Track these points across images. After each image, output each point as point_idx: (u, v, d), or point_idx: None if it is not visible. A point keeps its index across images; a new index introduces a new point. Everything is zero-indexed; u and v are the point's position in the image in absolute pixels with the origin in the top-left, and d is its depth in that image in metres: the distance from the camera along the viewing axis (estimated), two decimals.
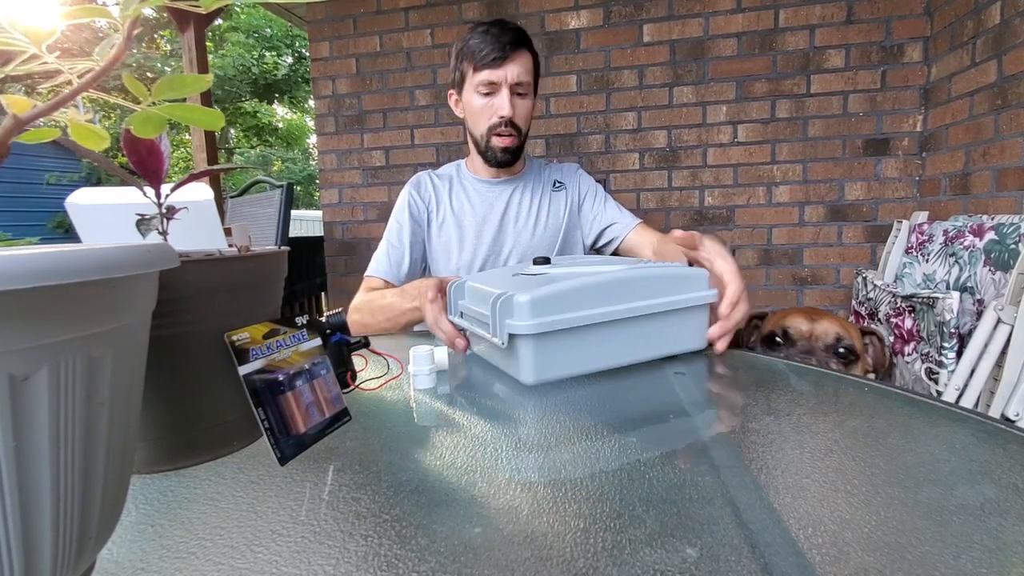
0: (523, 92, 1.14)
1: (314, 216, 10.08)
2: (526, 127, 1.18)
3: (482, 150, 1.19)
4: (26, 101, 0.26)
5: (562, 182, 1.30)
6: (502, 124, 1.14)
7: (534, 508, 0.38)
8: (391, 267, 1.21)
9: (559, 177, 1.31)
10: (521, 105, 1.15)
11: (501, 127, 1.14)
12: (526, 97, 1.16)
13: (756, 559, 0.31)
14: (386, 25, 2.40)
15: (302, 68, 12.43)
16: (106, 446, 0.26)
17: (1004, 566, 0.31)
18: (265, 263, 0.49)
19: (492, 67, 1.10)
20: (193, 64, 2.52)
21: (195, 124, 0.33)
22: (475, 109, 1.15)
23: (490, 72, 1.10)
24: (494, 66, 1.10)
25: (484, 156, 1.20)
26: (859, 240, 2.11)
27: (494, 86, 1.12)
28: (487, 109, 1.14)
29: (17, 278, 0.20)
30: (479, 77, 1.11)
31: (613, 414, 0.56)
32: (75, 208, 0.54)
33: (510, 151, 1.17)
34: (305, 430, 0.47)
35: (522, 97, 1.15)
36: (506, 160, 1.19)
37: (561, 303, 0.60)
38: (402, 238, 1.23)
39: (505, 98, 1.11)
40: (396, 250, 1.23)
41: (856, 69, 2.03)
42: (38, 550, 0.23)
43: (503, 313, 0.60)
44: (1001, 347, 1.31)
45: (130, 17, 0.26)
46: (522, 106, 1.15)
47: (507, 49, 1.09)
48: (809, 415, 0.55)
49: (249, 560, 0.33)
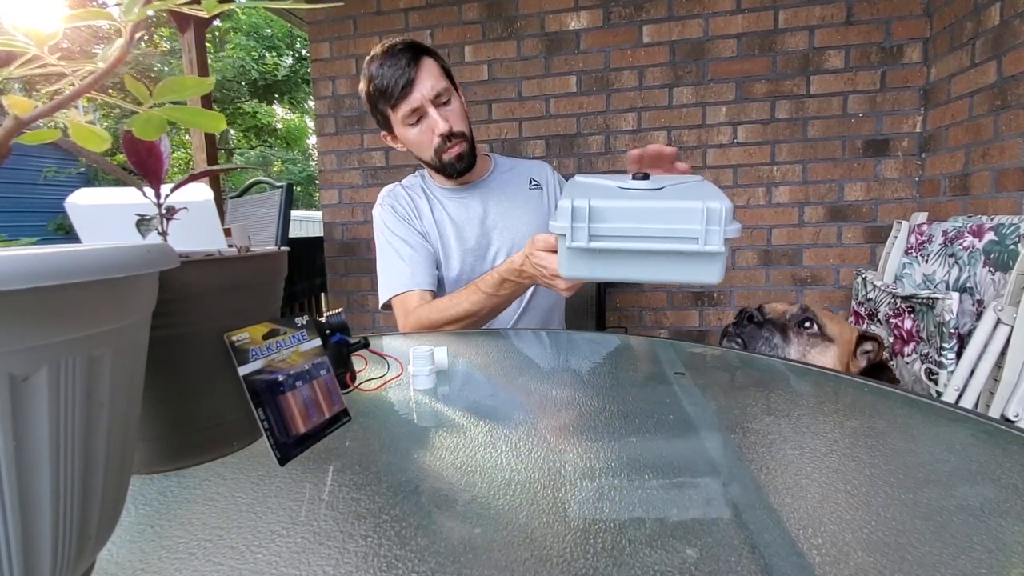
0: (446, 99, 1.12)
1: (314, 216, 10.09)
2: (467, 127, 1.17)
3: (439, 169, 1.18)
4: (28, 102, 0.26)
5: (537, 181, 1.30)
6: (445, 140, 1.12)
7: (534, 508, 0.38)
8: (425, 274, 1.18)
9: (534, 175, 1.31)
10: (452, 110, 1.13)
11: (446, 142, 1.12)
12: (452, 102, 1.13)
13: (756, 559, 0.32)
14: (386, 26, 2.40)
15: (302, 68, 12.44)
16: (106, 446, 0.26)
17: (1004, 566, 0.31)
18: (265, 263, 0.49)
19: (405, 96, 1.08)
20: (193, 65, 2.52)
21: (196, 126, 0.33)
22: (414, 140, 1.14)
23: (407, 102, 1.08)
24: (406, 94, 1.08)
25: (444, 173, 1.19)
26: (859, 241, 2.11)
27: (418, 111, 1.10)
28: (424, 134, 1.12)
29: (17, 278, 0.20)
30: (400, 112, 1.10)
31: (613, 414, 0.56)
32: (75, 208, 0.54)
33: (464, 157, 1.16)
34: (305, 430, 0.47)
35: (447, 104, 1.12)
36: (465, 167, 1.17)
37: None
38: (414, 244, 1.20)
39: (434, 115, 1.10)
40: (419, 254, 1.19)
41: (856, 70, 2.03)
42: (38, 550, 0.23)
43: (715, 222, 0.63)
44: (1001, 347, 1.31)
45: (132, 20, 0.26)
46: (453, 111, 1.13)
47: (408, 70, 1.07)
48: (809, 415, 0.55)
49: (249, 561, 0.33)
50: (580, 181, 0.77)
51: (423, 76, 1.08)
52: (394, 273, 1.18)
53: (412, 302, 1.14)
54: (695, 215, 0.63)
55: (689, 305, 2.28)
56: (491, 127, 2.34)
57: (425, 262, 1.19)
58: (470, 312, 1.04)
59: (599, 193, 0.69)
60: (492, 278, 1.00)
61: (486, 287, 1.01)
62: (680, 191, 0.69)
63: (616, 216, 0.66)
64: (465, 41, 2.32)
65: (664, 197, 0.67)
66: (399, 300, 1.17)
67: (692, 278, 0.68)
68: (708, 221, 0.63)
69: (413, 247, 1.19)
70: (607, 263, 0.68)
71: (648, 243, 0.66)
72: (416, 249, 1.19)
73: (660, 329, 2.32)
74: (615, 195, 0.69)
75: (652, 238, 0.66)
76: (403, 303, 1.16)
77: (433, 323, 1.08)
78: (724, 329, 1.21)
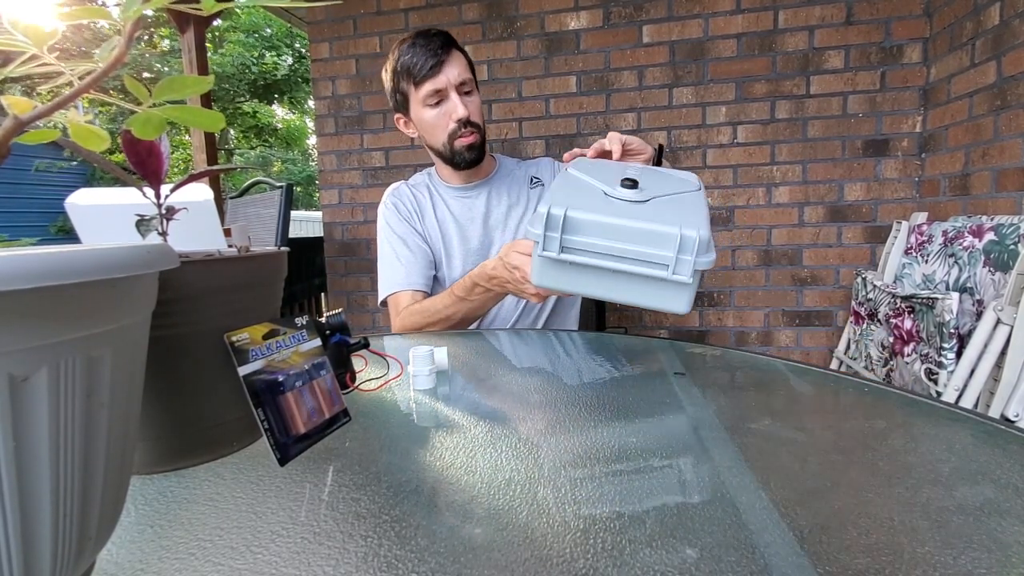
0: (468, 90, 1.14)
1: (314, 217, 10.09)
2: (482, 122, 1.18)
3: (448, 158, 1.18)
4: (27, 102, 0.26)
5: (539, 178, 1.30)
6: (461, 126, 1.13)
7: (534, 508, 0.38)
8: (419, 275, 1.19)
9: (535, 173, 1.30)
10: (472, 101, 1.14)
11: (461, 129, 1.13)
12: (473, 94, 1.15)
13: (756, 559, 0.32)
14: (386, 26, 2.40)
15: (302, 68, 12.43)
16: (106, 446, 0.26)
17: (1004, 566, 0.31)
18: (265, 263, 0.49)
19: (432, 76, 1.09)
20: (193, 65, 2.52)
21: (195, 126, 0.33)
22: (429, 122, 1.14)
23: (432, 82, 1.09)
24: (434, 74, 1.09)
25: (452, 163, 1.19)
26: (859, 241, 2.11)
27: (440, 93, 1.11)
28: (441, 118, 1.13)
29: (17, 278, 0.20)
30: (424, 90, 1.10)
31: (613, 415, 0.56)
32: (75, 209, 0.54)
33: (475, 148, 1.16)
34: (305, 431, 0.47)
35: (469, 95, 1.14)
36: (474, 158, 1.17)
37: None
38: (411, 245, 1.21)
39: (455, 100, 1.11)
40: (416, 256, 1.20)
41: (855, 70, 2.03)
42: (38, 551, 0.23)
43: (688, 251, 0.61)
44: (1001, 347, 1.31)
45: (131, 19, 0.26)
46: (473, 102, 1.15)
47: (440, 53, 1.09)
48: (809, 415, 0.55)
49: (249, 561, 0.33)
50: (571, 176, 0.77)
51: (453, 62, 1.10)
52: (391, 272, 1.20)
53: (403, 302, 1.16)
54: (670, 241, 0.62)
55: None
56: (491, 127, 2.33)
57: (420, 263, 1.20)
58: (446, 316, 1.06)
59: (581, 200, 0.68)
60: (464, 282, 1.01)
61: (459, 291, 1.03)
62: (664, 208, 0.68)
63: (591, 230, 0.65)
64: (465, 41, 2.32)
65: (643, 217, 0.65)
66: (392, 299, 1.19)
67: (659, 305, 0.67)
68: (681, 249, 0.61)
69: (411, 248, 1.21)
70: (576, 277, 0.68)
71: (618, 263, 0.65)
72: (413, 251, 1.21)
73: (660, 329, 2.31)
74: (597, 205, 0.68)
75: (623, 259, 0.64)
76: (395, 303, 1.18)
77: (416, 325, 1.10)
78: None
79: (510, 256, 0.86)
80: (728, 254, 2.22)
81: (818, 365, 0.76)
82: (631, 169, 0.80)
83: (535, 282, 0.69)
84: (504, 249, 0.89)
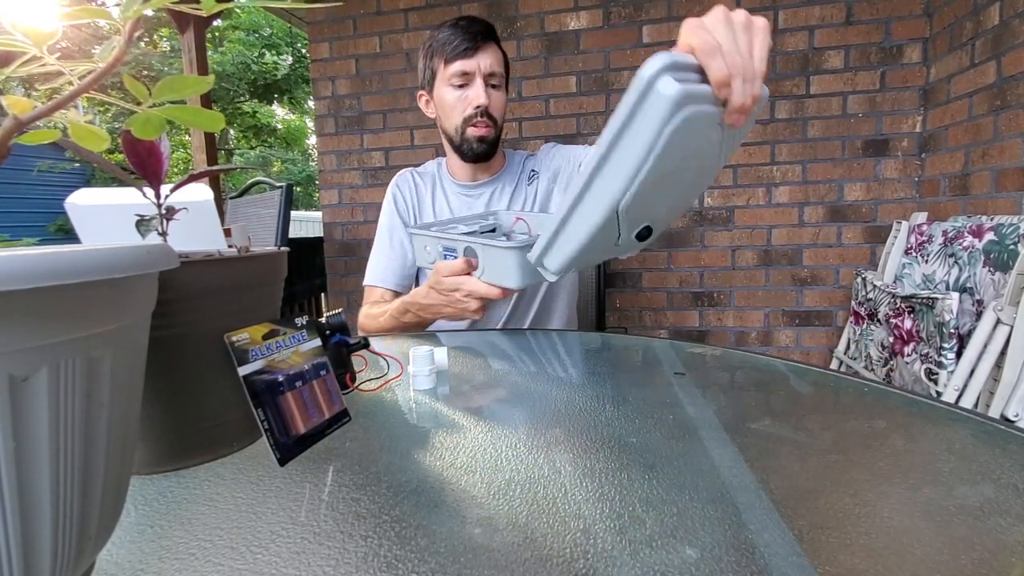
0: (496, 83, 1.12)
1: (314, 217, 10.09)
2: (501, 120, 1.16)
3: (457, 144, 1.15)
4: (27, 102, 0.26)
5: (536, 170, 1.27)
6: (478, 114, 1.10)
7: (534, 508, 0.38)
8: (392, 274, 1.20)
9: (533, 165, 1.27)
10: (496, 96, 1.12)
11: (477, 117, 1.11)
12: (500, 89, 1.14)
13: (756, 559, 0.32)
14: (386, 26, 2.40)
15: (302, 68, 12.43)
16: (106, 446, 0.26)
17: (1004, 566, 0.31)
18: (265, 264, 0.49)
19: (464, 57, 1.08)
20: (193, 65, 2.52)
21: (195, 126, 0.33)
22: (448, 102, 1.12)
23: (463, 63, 1.08)
24: (466, 56, 1.08)
25: (460, 151, 1.16)
26: (859, 241, 2.11)
27: (467, 76, 1.09)
28: (461, 101, 1.11)
29: (17, 278, 0.20)
30: (452, 69, 1.09)
31: (613, 415, 0.56)
32: (75, 209, 0.54)
33: (487, 141, 1.13)
34: (305, 431, 0.47)
35: (496, 88, 1.13)
36: (483, 151, 1.15)
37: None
38: (393, 242, 1.22)
39: (480, 87, 1.09)
40: (395, 253, 1.22)
41: (855, 70, 2.03)
42: (37, 551, 0.23)
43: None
44: (1000, 347, 1.31)
45: (131, 19, 0.26)
46: (497, 97, 1.13)
47: (478, 39, 1.08)
48: (809, 415, 0.55)
49: (249, 561, 0.33)
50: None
51: (488, 51, 1.10)
52: (374, 262, 1.23)
53: (372, 298, 1.19)
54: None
55: (689, 305, 2.28)
56: None
57: (396, 263, 1.21)
58: (386, 329, 1.07)
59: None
60: (399, 305, 1.02)
61: (394, 310, 1.03)
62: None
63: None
64: None
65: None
66: (368, 290, 1.22)
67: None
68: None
69: (392, 246, 1.22)
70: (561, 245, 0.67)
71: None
72: (395, 248, 1.22)
73: (660, 329, 2.31)
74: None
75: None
76: (368, 294, 1.21)
77: (365, 328, 1.13)
78: None
79: (442, 283, 0.85)
80: (728, 254, 2.22)
81: (818, 365, 0.76)
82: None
83: (516, 286, 0.77)
84: (432, 278, 0.88)
